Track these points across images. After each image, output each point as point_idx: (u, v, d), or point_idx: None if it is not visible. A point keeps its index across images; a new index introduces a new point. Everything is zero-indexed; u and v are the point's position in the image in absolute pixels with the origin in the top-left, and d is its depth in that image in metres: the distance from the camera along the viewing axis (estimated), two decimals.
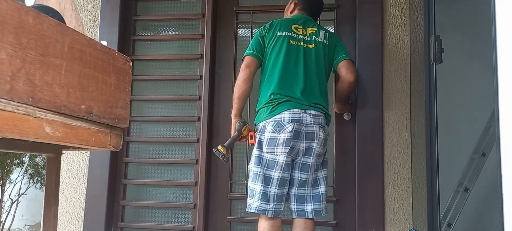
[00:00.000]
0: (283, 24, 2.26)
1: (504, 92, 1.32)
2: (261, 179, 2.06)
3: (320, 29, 2.30)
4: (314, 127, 2.08)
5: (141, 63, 3.07)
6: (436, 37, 2.20)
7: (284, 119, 2.04)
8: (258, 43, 2.23)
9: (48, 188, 1.49)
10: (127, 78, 1.48)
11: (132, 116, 2.99)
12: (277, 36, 2.20)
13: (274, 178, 2.06)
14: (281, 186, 2.07)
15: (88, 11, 3.08)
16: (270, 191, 2.05)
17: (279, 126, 2.04)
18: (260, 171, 2.07)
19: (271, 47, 2.20)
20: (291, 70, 2.14)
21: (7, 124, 1.02)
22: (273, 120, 2.06)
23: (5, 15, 1.00)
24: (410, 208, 2.58)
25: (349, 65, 2.28)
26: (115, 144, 1.45)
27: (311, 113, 2.09)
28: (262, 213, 2.05)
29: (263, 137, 2.08)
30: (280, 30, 2.22)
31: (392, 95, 2.68)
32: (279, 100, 2.09)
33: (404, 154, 2.62)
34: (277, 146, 2.04)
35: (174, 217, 2.92)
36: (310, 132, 2.07)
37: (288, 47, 2.18)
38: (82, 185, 2.92)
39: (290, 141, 2.03)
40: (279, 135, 2.03)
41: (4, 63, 0.99)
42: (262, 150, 2.08)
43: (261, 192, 2.05)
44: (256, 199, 2.06)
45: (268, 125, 2.07)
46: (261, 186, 2.06)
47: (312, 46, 2.23)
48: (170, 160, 2.98)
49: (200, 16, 3.03)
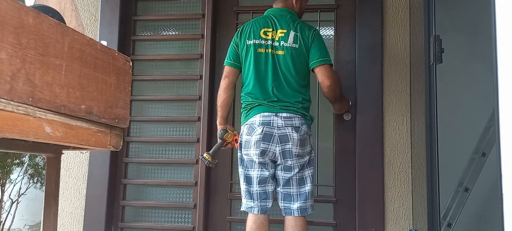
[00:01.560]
0: (253, 29, 2.26)
1: (504, 92, 1.32)
2: (243, 178, 2.20)
3: (290, 30, 2.22)
4: (287, 129, 2.11)
5: (141, 63, 3.07)
6: (436, 37, 2.20)
7: (255, 122, 2.14)
8: (233, 52, 2.31)
9: (48, 188, 1.49)
10: (127, 78, 1.48)
11: (132, 116, 2.99)
12: (246, 45, 2.25)
13: (253, 177, 2.17)
14: (262, 184, 2.16)
15: (88, 11, 3.08)
16: (253, 189, 2.17)
17: (251, 129, 2.14)
18: (242, 172, 2.21)
19: (243, 55, 2.27)
20: (262, 76, 2.20)
21: (7, 124, 1.02)
22: (247, 123, 2.18)
23: (5, 15, 1.00)
24: (410, 208, 2.58)
25: (324, 70, 2.20)
26: (115, 144, 1.45)
27: (282, 116, 2.12)
28: (249, 210, 2.18)
29: (241, 140, 2.21)
30: (249, 37, 2.25)
31: (392, 95, 2.68)
32: (252, 105, 2.19)
33: (404, 154, 2.62)
34: (250, 148, 2.14)
35: (174, 217, 2.92)
36: (283, 134, 2.11)
37: (256, 56, 2.21)
38: (82, 185, 2.92)
39: (260, 143, 2.10)
40: (251, 137, 2.13)
41: (4, 63, 0.99)
42: (241, 152, 2.21)
43: (246, 191, 2.19)
44: (243, 197, 2.21)
45: (244, 128, 2.20)
46: (245, 185, 2.20)
47: (280, 52, 2.20)
48: (170, 160, 2.98)
49: (200, 16, 3.02)
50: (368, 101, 2.69)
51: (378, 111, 2.66)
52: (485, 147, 2.08)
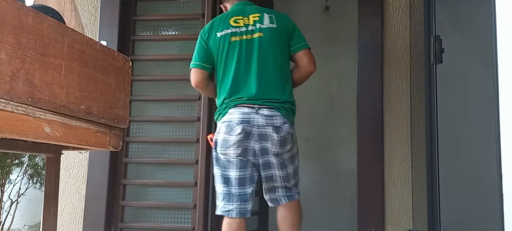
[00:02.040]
0: (222, 21, 2.10)
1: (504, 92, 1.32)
2: (221, 179, 2.04)
3: (264, 13, 2.09)
4: (267, 129, 1.96)
5: (141, 63, 3.06)
6: (436, 37, 2.20)
7: (234, 120, 1.98)
8: (202, 52, 2.11)
9: (48, 188, 1.49)
10: (127, 78, 1.48)
11: (132, 116, 2.98)
12: (218, 38, 2.06)
13: (232, 178, 2.01)
14: (241, 185, 2.01)
15: (88, 11, 3.08)
16: (232, 190, 2.01)
17: (230, 128, 1.98)
18: (219, 172, 2.05)
19: (216, 51, 2.07)
20: (240, 70, 2.03)
21: (7, 124, 1.01)
22: (225, 121, 2.01)
23: (5, 15, 0.99)
24: (410, 208, 2.58)
25: (310, 55, 2.10)
26: (114, 144, 1.45)
27: (263, 114, 1.97)
28: (226, 214, 2.01)
29: (218, 138, 2.03)
30: (219, 30, 2.07)
31: (392, 95, 2.68)
32: (230, 103, 2.02)
33: (404, 154, 2.62)
34: (229, 147, 1.98)
35: (174, 217, 2.92)
36: (263, 133, 1.97)
37: (231, 47, 2.04)
38: (82, 185, 2.92)
39: (241, 143, 1.96)
40: (230, 136, 1.97)
41: (4, 63, 0.99)
42: (217, 151, 2.04)
43: (223, 193, 2.03)
44: (220, 200, 2.04)
45: (222, 126, 2.02)
46: (222, 186, 2.03)
47: (257, 35, 2.04)
48: (170, 160, 2.97)
49: (200, 16, 3.02)
50: (368, 101, 2.69)
51: (378, 112, 2.66)
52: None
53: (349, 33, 3.24)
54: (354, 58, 2.77)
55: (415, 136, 2.62)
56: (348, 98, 3.27)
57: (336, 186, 4.09)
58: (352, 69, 2.96)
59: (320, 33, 4.25)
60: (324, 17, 4.33)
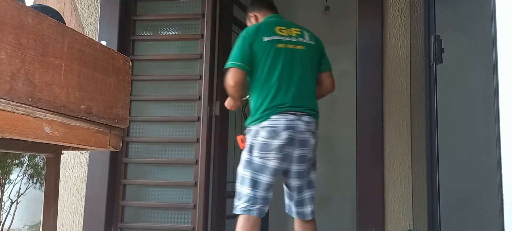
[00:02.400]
0: (267, 28, 2.16)
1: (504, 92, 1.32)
2: (249, 182, 2.04)
3: (303, 29, 2.24)
4: (307, 134, 2.05)
5: (141, 63, 3.06)
6: (436, 37, 2.20)
7: (279, 126, 2.01)
8: (246, 54, 2.09)
9: (48, 188, 1.49)
10: (127, 78, 1.48)
11: (132, 116, 2.98)
12: (264, 42, 2.10)
13: (262, 182, 2.03)
14: (267, 191, 2.05)
15: (88, 11, 3.08)
16: (257, 194, 2.03)
17: (274, 133, 2.00)
18: (249, 175, 2.05)
19: (260, 54, 2.10)
20: (284, 76, 2.08)
21: (7, 124, 1.01)
22: (268, 126, 2.02)
23: (5, 15, 1.00)
24: (410, 208, 2.58)
25: (332, 77, 2.29)
26: (114, 144, 1.45)
27: (304, 120, 2.05)
28: (247, 213, 2.03)
29: (255, 142, 2.04)
30: (266, 35, 2.12)
31: (392, 95, 2.68)
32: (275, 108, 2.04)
33: (404, 154, 2.62)
34: (270, 152, 2.01)
35: (174, 217, 2.92)
36: (303, 139, 2.05)
37: (276, 52, 2.10)
38: (82, 185, 2.92)
39: (284, 148, 2.00)
40: (273, 141, 2.00)
41: (4, 63, 0.99)
42: (253, 154, 2.05)
43: (248, 195, 2.03)
44: (242, 201, 2.05)
45: (262, 131, 2.03)
46: (249, 189, 2.04)
47: (300, 47, 2.16)
48: (170, 160, 2.97)
49: (200, 16, 3.02)
50: (368, 101, 2.69)
51: (378, 112, 2.66)
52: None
53: (349, 33, 3.24)
54: (354, 58, 2.77)
55: (415, 136, 2.62)
56: (348, 98, 3.27)
57: (336, 186, 4.09)
58: (352, 69, 2.96)
59: (320, 33, 4.21)
60: (324, 17, 4.33)
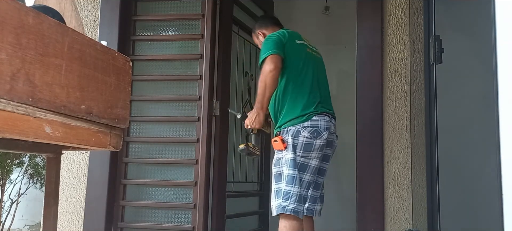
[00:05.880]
0: (294, 34, 2.28)
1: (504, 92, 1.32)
2: (294, 180, 2.06)
3: (310, 43, 2.37)
4: (333, 136, 2.22)
5: (141, 63, 3.06)
6: (436, 37, 2.20)
7: (321, 126, 2.10)
8: (282, 45, 2.15)
9: (48, 188, 1.49)
10: (127, 78, 1.48)
11: (132, 116, 2.98)
12: (297, 45, 2.22)
13: (305, 181, 2.10)
14: (308, 188, 2.14)
15: (88, 11, 3.08)
16: (303, 193, 2.09)
17: (317, 133, 2.08)
18: (296, 174, 2.07)
19: (294, 55, 2.17)
20: (315, 79, 2.20)
21: (7, 124, 1.02)
22: (309, 125, 2.08)
23: (5, 15, 1.00)
24: (410, 208, 2.58)
25: None
26: (115, 144, 1.45)
27: (333, 122, 2.21)
28: (296, 214, 2.04)
29: (297, 141, 2.08)
30: (297, 38, 2.25)
31: (392, 95, 2.68)
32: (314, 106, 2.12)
33: (404, 154, 2.62)
34: (313, 151, 2.08)
35: (174, 217, 2.92)
36: (331, 140, 2.18)
37: (307, 56, 2.22)
38: (82, 185, 2.92)
39: (323, 148, 2.11)
40: (316, 140, 2.08)
41: (4, 63, 0.99)
42: (297, 153, 2.08)
43: (298, 195, 2.05)
44: (292, 201, 2.04)
45: (303, 130, 2.07)
46: (298, 188, 2.06)
47: (319, 56, 2.33)
48: (170, 160, 2.98)
49: (200, 16, 3.02)
50: (368, 101, 2.69)
51: (378, 112, 2.66)
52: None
53: (349, 33, 3.24)
54: (354, 58, 2.77)
55: (415, 136, 2.62)
56: (348, 98, 3.27)
57: (336, 186, 4.09)
58: (352, 69, 2.96)
59: (320, 33, 4.25)
60: (324, 17, 4.34)
